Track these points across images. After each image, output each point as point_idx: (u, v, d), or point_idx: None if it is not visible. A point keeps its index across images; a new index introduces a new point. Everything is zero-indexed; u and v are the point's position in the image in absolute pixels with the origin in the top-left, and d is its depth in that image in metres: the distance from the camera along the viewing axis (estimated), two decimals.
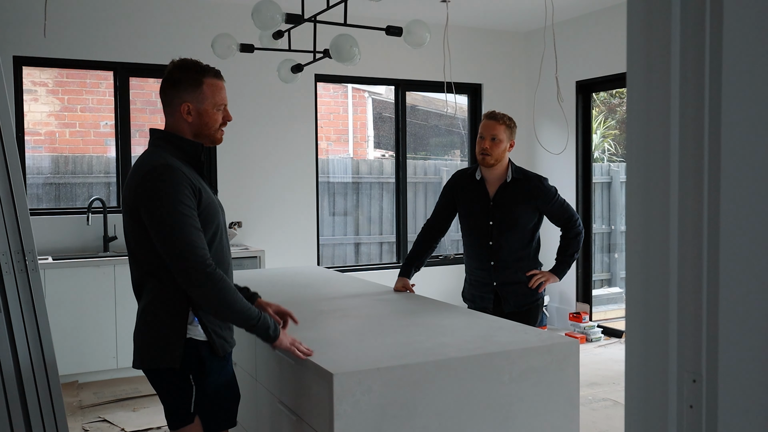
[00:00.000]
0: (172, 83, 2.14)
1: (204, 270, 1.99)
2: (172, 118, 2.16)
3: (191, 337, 2.10)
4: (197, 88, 2.13)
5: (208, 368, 2.13)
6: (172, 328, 2.08)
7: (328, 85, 6.77)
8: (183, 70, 2.14)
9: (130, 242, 2.16)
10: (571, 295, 6.46)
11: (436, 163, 7.04)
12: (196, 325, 2.11)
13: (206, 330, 2.12)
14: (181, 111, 2.13)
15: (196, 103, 2.13)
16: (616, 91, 7.22)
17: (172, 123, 2.17)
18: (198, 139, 2.18)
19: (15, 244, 2.88)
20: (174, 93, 2.13)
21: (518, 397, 2.19)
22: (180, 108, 2.13)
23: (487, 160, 3.22)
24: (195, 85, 2.13)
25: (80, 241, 5.24)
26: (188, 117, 2.14)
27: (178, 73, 2.14)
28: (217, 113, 2.17)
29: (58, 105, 5.73)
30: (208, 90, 2.14)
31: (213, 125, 2.17)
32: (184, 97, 2.13)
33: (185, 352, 2.08)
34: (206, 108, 2.15)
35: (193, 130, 2.16)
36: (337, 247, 6.66)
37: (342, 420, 1.92)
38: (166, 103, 2.17)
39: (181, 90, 2.13)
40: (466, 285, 3.47)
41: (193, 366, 2.11)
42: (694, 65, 0.88)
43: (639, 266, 0.96)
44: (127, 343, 4.83)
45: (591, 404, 4.37)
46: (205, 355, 2.12)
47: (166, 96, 2.16)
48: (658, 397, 0.94)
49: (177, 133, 2.16)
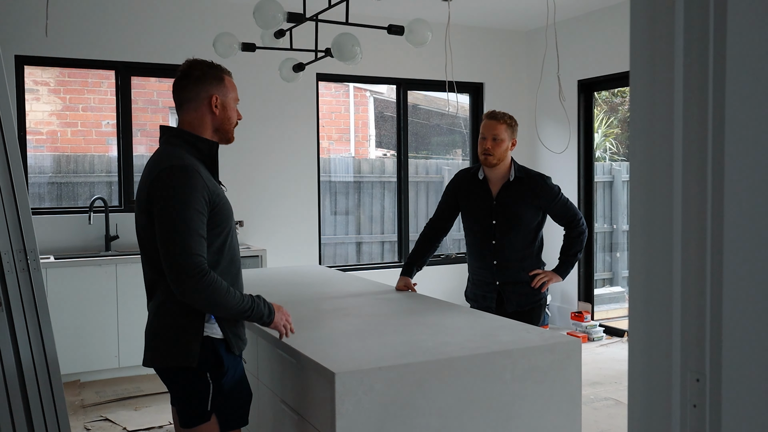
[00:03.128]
0: (197, 78, 2.17)
1: (195, 276, 1.97)
2: (195, 113, 2.18)
3: (208, 335, 2.10)
4: (221, 82, 2.20)
5: (225, 366, 2.13)
6: (189, 326, 2.08)
7: (329, 84, 6.77)
8: (204, 66, 2.20)
9: (143, 240, 2.15)
10: (573, 294, 6.46)
11: (437, 163, 7.03)
12: (213, 323, 2.11)
13: (223, 328, 2.12)
14: (211, 103, 2.17)
15: (222, 96, 2.20)
16: (617, 90, 7.22)
17: (194, 119, 2.18)
18: (217, 134, 2.22)
19: (17, 243, 2.88)
20: (200, 87, 2.17)
21: (520, 396, 2.19)
22: (209, 100, 2.17)
23: (490, 160, 3.22)
24: (219, 80, 2.20)
25: (82, 241, 5.24)
26: (216, 110, 2.18)
27: (201, 69, 2.19)
28: (235, 109, 2.25)
29: (59, 104, 5.73)
30: (229, 85, 2.23)
31: (233, 120, 2.24)
32: (211, 91, 2.18)
33: (202, 351, 2.08)
34: (229, 101, 2.22)
35: (216, 124, 2.20)
36: (339, 247, 6.66)
37: (344, 419, 1.92)
38: (188, 99, 2.18)
39: (207, 83, 2.18)
40: (469, 284, 3.47)
41: (210, 364, 2.10)
42: (698, 63, 0.88)
43: (642, 265, 0.96)
44: (129, 343, 4.86)
45: (593, 403, 4.37)
46: (222, 353, 2.12)
47: (189, 92, 2.18)
48: (661, 396, 0.94)
49: (194, 130, 2.18)
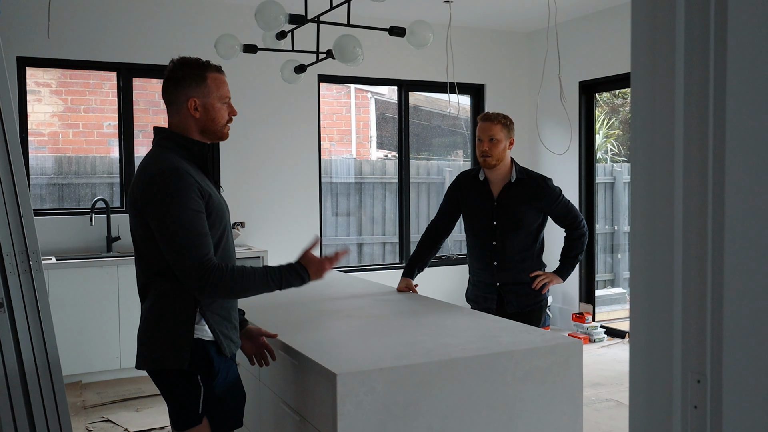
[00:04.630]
0: (176, 81, 2.13)
1: (209, 277, 1.98)
2: (178, 116, 2.15)
3: (199, 337, 2.09)
4: (201, 83, 2.13)
5: (216, 368, 2.12)
6: (180, 328, 2.07)
7: (331, 85, 6.77)
8: (185, 66, 2.14)
9: (137, 242, 2.14)
10: (574, 295, 6.45)
11: (438, 164, 7.03)
12: (203, 325, 2.10)
13: (213, 330, 2.11)
14: (188, 107, 2.12)
15: (202, 98, 2.13)
16: (619, 91, 7.21)
17: (178, 122, 2.15)
18: (205, 135, 2.17)
19: (19, 245, 2.88)
20: (179, 90, 2.13)
21: (521, 397, 2.18)
22: (187, 104, 2.12)
23: (489, 161, 3.22)
24: (199, 81, 2.13)
25: (84, 242, 5.25)
26: (195, 113, 2.13)
27: (181, 71, 2.14)
28: (222, 107, 2.17)
29: (61, 105, 5.74)
30: (213, 84, 2.15)
31: (220, 120, 2.17)
32: (189, 93, 2.12)
33: (193, 353, 2.08)
34: (212, 102, 2.15)
35: (200, 126, 2.15)
36: (340, 248, 6.65)
37: (345, 420, 1.92)
38: (171, 101, 2.16)
39: (186, 86, 2.12)
40: (470, 286, 3.47)
41: (201, 366, 2.10)
42: (699, 65, 0.88)
43: (643, 266, 0.96)
44: (130, 344, 4.86)
45: (594, 405, 4.37)
46: (212, 356, 2.12)
47: (170, 95, 2.15)
48: (662, 397, 0.94)
49: (182, 132, 2.15)
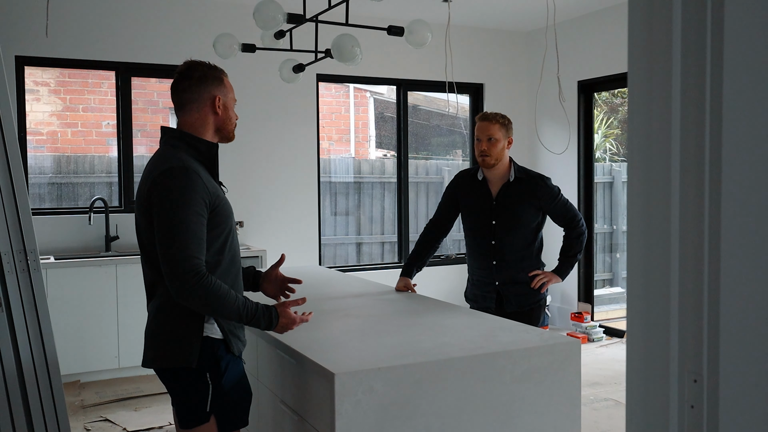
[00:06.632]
0: (198, 79, 2.17)
1: (191, 278, 1.96)
2: (197, 113, 2.17)
3: (207, 335, 2.10)
4: (222, 83, 2.21)
5: (224, 367, 2.13)
6: (189, 326, 2.08)
7: (329, 84, 6.77)
8: (204, 66, 2.20)
9: (143, 241, 2.14)
10: (573, 294, 6.46)
11: (437, 163, 7.03)
12: (212, 323, 2.11)
13: (222, 329, 2.12)
14: (215, 104, 2.18)
15: (223, 96, 2.20)
16: (618, 90, 7.22)
17: (195, 119, 2.17)
18: (219, 134, 2.22)
19: (17, 244, 2.88)
20: (202, 88, 2.17)
21: (520, 396, 2.19)
22: (212, 101, 2.17)
23: (487, 161, 3.22)
24: (219, 80, 2.20)
25: (82, 241, 5.24)
26: (219, 110, 2.19)
27: (201, 70, 2.18)
28: (234, 108, 2.27)
29: (60, 105, 5.74)
30: (228, 85, 2.24)
31: (234, 119, 2.25)
32: (213, 91, 2.18)
33: (202, 351, 2.08)
34: (230, 102, 2.23)
35: (218, 124, 2.20)
36: (339, 247, 6.67)
37: (343, 420, 1.92)
38: (190, 100, 2.17)
39: (209, 84, 2.18)
40: (469, 285, 3.47)
41: (209, 365, 2.10)
42: (696, 64, 0.88)
43: (640, 266, 0.96)
44: (129, 343, 4.86)
45: (593, 404, 4.37)
46: (221, 354, 2.12)
47: (191, 93, 2.17)
48: (659, 397, 0.94)
49: (195, 131, 2.17)
